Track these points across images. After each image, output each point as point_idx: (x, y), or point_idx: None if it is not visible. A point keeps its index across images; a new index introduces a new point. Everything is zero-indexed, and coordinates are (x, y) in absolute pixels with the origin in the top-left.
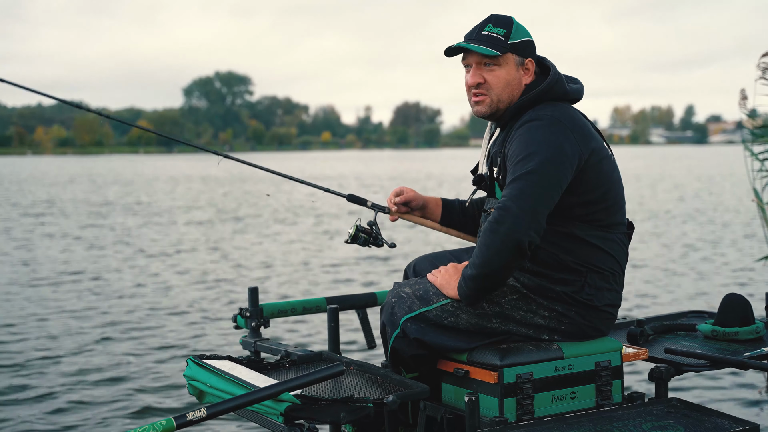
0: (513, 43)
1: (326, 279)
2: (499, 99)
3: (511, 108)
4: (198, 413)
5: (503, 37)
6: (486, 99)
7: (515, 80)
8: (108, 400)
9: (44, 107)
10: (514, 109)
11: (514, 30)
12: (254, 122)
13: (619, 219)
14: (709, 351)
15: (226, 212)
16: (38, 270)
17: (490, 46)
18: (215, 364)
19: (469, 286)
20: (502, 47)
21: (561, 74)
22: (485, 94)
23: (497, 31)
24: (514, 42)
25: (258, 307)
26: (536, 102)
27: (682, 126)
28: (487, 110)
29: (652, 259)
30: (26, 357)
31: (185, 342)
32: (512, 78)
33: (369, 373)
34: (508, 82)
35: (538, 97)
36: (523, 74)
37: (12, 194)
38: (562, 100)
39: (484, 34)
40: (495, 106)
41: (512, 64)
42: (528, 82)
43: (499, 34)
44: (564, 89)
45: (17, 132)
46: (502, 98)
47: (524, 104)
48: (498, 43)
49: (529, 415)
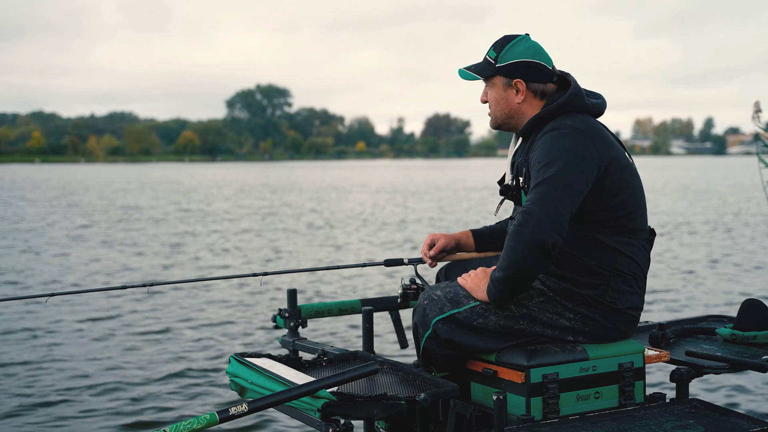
0: (500, 66)
1: (360, 282)
2: (495, 116)
3: (532, 119)
4: (240, 408)
5: (493, 61)
6: (490, 114)
7: (503, 100)
8: (152, 394)
9: (96, 118)
10: (535, 120)
11: (504, 53)
12: (292, 132)
13: (640, 225)
14: (728, 354)
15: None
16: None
17: (478, 71)
18: (256, 361)
19: (497, 288)
20: (489, 71)
21: (581, 88)
22: (490, 110)
23: (491, 54)
24: (501, 65)
25: (296, 308)
26: (556, 114)
27: (702, 138)
28: (491, 124)
29: (673, 265)
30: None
31: (228, 340)
32: (500, 98)
33: (402, 372)
34: (497, 101)
35: (558, 110)
36: (513, 94)
37: (94, 199)
38: (582, 113)
39: (485, 57)
40: (495, 122)
41: (499, 86)
42: (520, 101)
43: (492, 57)
44: (583, 102)
45: (71, 141)
46: (497, 115)
47: (545, 116)
48: (487, 67)
49: (554, 414)
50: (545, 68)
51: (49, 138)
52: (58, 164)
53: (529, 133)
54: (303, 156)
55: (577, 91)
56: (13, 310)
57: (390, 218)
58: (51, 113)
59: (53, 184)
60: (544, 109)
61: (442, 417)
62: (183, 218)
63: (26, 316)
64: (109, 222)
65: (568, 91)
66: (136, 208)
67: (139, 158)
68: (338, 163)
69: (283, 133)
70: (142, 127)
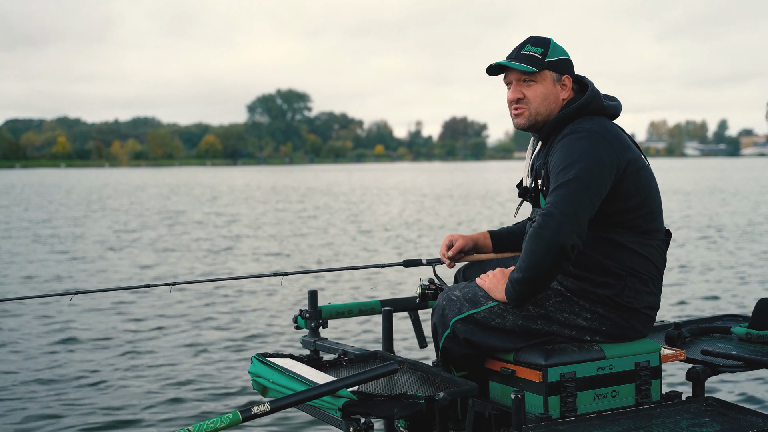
0: (550, 60)
1: (378, 279)
2: (537, 112)
3: (551, 122)
4: (262, 407)
5: (541, 56)
6: (525, 112)
7: (552, 95)
8: (175, 394)
9: (120, 123)
10: (554, 123)
11: (551, 49)
12: (312, 136)
13: (657, 226)
14: (743, 353)
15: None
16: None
17: (529, 64)
18: (278, 361)
19: (515, 289)
20: (540, 64)
21: (598, 91)
22: (524, 107)
23: (535, 50)
24: (551, 60)
25: (317, 308)
26: (575, 117)
27: (716, 139)
28: (525, 122)
29: (689, 265)
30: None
31: (250, 341)
32: (549, 93)
33: (421, 372)
34: (545, 96)
35: (577, 113)
36: (560, 89)
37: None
38: (599, 115)
39: (523, 53)
40: (533, 118)
41: (549, 80)
42: (566, 97)
43: (537, 53)
44: (601, 105)
45: (96, 146)
46: (540, 111)
47: (564, 119)
48: (536, 60)
49: (572, 413)
50: (573, 66)
51: (74, 143)
52: (83, 168)
53: (548, 136)
54: (322, 159)
55: (595, 94)
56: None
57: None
58: (76, 119)
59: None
60: (562, 112)
61: (461, 416)
62: (217, 222)
63: (54, 315)
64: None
65: (586, 93)
66: (179, 212)
67: (161, 162)
68: (358, 166)
69: (302, 137)
70: (165, 132)
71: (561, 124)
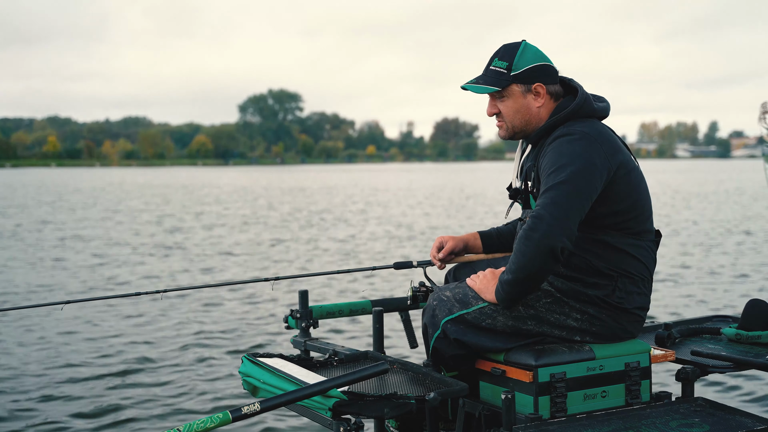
0: (515, 74)
1: (369, 281)
2: (512, 125)
3: (541, 129)
4: (252, 407)
5: (506, 70)
6: (503, 125)
7: (524, 107)
8: (167, 394)
9: (111, 122)
10: (543, 129)
11: (517, 59)
12: (304, 136)
13: (647, 227)
14: (733, 353)
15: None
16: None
17: (493, 83)
18: (268, 361)
19: (506, 290)
20: (504, 81)
21: (588, 95)
22: (502, 121)
23: (501, 65)
24: (517, 72)
25: (308, 308)
26: (566, 121)
27: (706, 141)
28: (506, 134)
29: (679, 266)
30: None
31: (241, 341)
32: (520, 106)
33: (411, 372)
34: (516, 110)
35: (568, 117)
36: (533, 99)
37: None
38: (590, 118)
39: (491, 69)
40: (512, 131)
41: (517, 94)
42: (540, 105)
43: (502, 67)
44: (592, 107)
45: (87, 145)
46: (515, 124)
47: (555, 123)
48: (500, 77)
49: (562, 413)
50: (554, 69)
51: (65, 142)
52: (73, 168)
53: (538, 140)
54: (314, 160)
55: (585, 97)
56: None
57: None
58: (66, 118)
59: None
60: (553, 117)
61: (452, 416)
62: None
63: (50, 322)
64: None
65: (576, 100)
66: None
67: (152, 162)
68: (349, 166)
69: (294, 137)
70: (156, 132)
71: (552, 128)
